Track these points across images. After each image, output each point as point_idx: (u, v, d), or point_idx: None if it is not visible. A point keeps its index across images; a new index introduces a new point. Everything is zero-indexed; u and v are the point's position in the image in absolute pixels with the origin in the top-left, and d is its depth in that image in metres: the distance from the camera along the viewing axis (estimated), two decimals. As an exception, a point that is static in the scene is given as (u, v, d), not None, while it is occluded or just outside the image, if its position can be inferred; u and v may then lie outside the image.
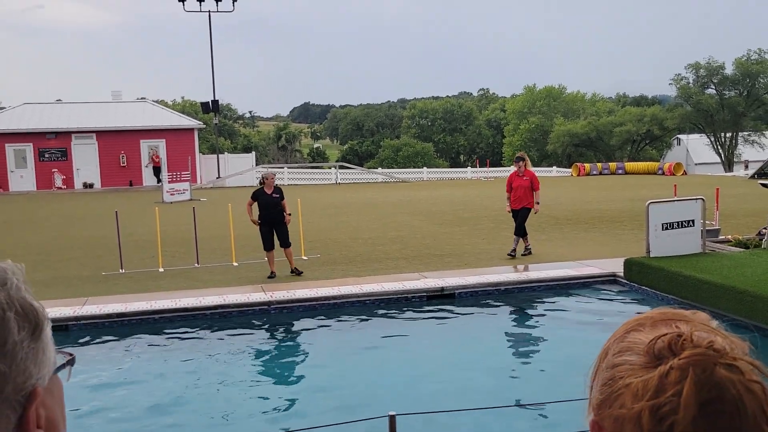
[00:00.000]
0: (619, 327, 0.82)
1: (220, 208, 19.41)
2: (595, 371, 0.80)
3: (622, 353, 0.77)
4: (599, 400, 0.77)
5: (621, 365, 0.76)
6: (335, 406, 6.37)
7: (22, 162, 35.95)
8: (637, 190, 26.10)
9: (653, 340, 0.74)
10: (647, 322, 0.79)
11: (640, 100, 77.40)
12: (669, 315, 0.79)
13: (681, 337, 0.74)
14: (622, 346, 0.77)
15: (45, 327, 0.75)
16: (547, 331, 8.77)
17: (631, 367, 0.74)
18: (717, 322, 0.79)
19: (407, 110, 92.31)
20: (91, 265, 12.70)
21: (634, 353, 0.75)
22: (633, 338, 0.77)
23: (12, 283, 0.74)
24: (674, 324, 0.77)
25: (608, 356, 0.78)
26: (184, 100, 74.32)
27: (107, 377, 7.35)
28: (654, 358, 0.73)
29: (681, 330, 0.75)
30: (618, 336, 0.80)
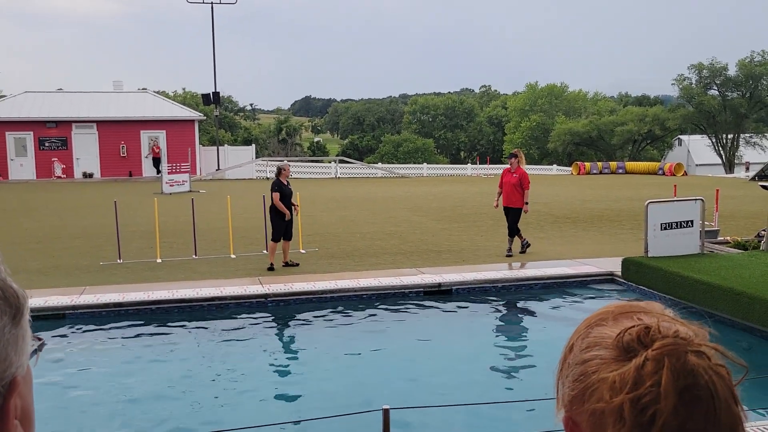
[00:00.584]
0: (580, 323, 0.83)
1: (219, 200, 19.39)
2: (561, 368, 0.81)
3: (590, 348, 0.77)
4: (571, 397, 0.77)
5: (591, 360, 0.76)
6: (330, 399, 6.38)
7: (22, 150, 35.92)
8: (637, 190, 26.10)
9: (621, 334, 0.75)
10: (609, 316, 0.80)
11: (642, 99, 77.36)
12: (627, 308, 0.80)
13: (648, 329, 0.75)
14: (589, 341, 0.78)
15: (25, 312, 0.71)
16: (543, 328, 8.77)
17: (602, 361, 0.75)
18: (673, 311, 0.80)
19: (408, 106, 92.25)
20: (89, 255, 12.70)
21: (602, 347, 0.76)
22: (598, 333, 0.78)
23: None
24: (635, 316, 0.78)
25: (574, 352, 0.79)
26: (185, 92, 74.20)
27: (102, 366, 7.35)
28: (624, 351, 0.74)
29: (646, 322, 0.76)
30: (581, 332, 0.81)
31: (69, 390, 6.70)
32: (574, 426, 0.77)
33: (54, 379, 6.93)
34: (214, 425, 5.74)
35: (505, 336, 8.77)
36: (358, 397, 6.35)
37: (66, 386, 6.78)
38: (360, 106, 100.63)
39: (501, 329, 9.03)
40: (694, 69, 54.18)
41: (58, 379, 6.97)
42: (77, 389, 6.72)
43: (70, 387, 6.78)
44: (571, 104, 71.96)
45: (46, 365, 7.33)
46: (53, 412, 6.14)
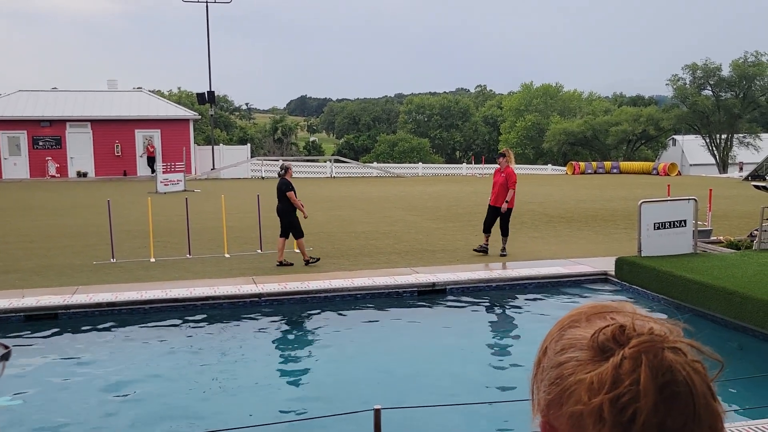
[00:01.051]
0: (552, 326, 0.82)
1: (213, 200, 19.36)
2: (536, 372, 0.81)
3: (565, 350, 0.76)
4: (547, 401, 0.76)
5: (567, 362, 0.75)
6: (322, 399, 6.37)
7: (16, 149, 35.80)
8: (631, 190, 26.16)
9: (595, 334, 0.74)
10: (581, 317, 0.79)
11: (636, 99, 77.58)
12: (599, 308, 0.80)
13: (623, 327, 0.74)
14: (563, 343, 0.77)
15: None
16: (536, 328, 8.77)
17: (578, 362, 0.74)
18: (645, 310, 0.81)
19: (404, 105, 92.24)
20: (82, 254, 12.66)
21: (577, 349, 0.75)
22: (572, 335, 0.77)
23: None
24: (608, 316, 0.78)
25: (548, 355, 0.79)
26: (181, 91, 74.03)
27: (95, 366, 7.32)
28: (600, 352, 0.74)
29: (619, 321, 0.76)
30: (554, 335, 0.80)
31: (60, 390, 6.67)
32: (551, 430, 0.76)
33: (45, 380, 6.91)
34: (206, 425, 5.73)
35: (499, 336, 8.78)
36: (350, 397, 6.35)
37: (57, 387, 6.76)
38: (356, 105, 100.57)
39: (495, 329, 9.04)
40: (688, 69, 54.32)
41: (50, 379, 6.94)
42: (68, 390, 6.69)
43: (61, 388, 6.76)
44: (566, 104, 72.07)
45: (37, 365, 7.31)
46: (45, 413, 6.12)
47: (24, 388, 6.65)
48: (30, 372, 7.10)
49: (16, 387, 6.63)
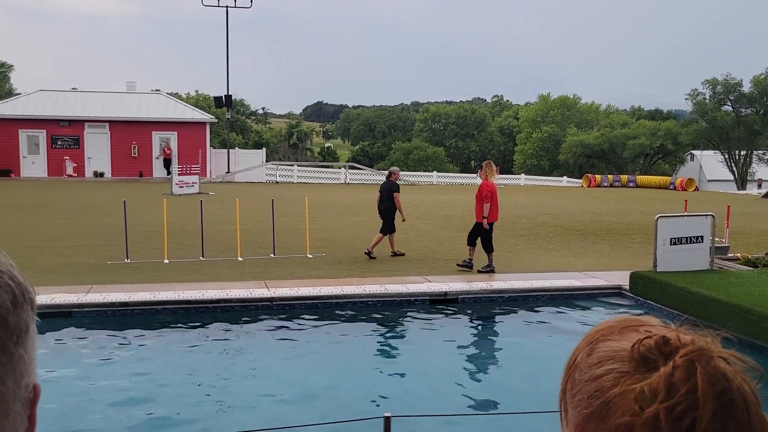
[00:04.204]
0: (579, 342, 0.81)
1: (228, 203, 19.40)
2: (566, 387, 0.79)
3: (602, 363, 0.75)
4: (585, 415, 0.74)
5: (606, 375, 0.73)
6: (332, 405, 6.35)
7: (35, 148, 36.14)
8: (647, 204, 25.98)
9: (636, 345, 0.73)
10: (613, 330, 0.78)
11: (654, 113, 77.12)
12: (628, 322, 0.79)
13: (666, 338, 0.73)
14: (599, 356, 0.76)
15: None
16: (549, 340, 8.71)
17: (619, 374, 0.72)
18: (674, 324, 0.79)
19: (420, 113, 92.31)
20: (97, 254, 12.73)
21: (616, 361, 0.74)
22: (607, 347, 0.76)
23: (10, 263, 0.67)
24: (641, 329, 0.77)
25: (581, 369, 0.77)
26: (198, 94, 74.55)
27: (106, 365, 7.35)
28: (642, 363, 0.72)
29: (658, 332, 0.75)
30: (585, 349, 0.79)
31: (73, 388, 6.69)
32: None
33: (59, 376, 6.94)
34: (214, 428, 5.73)
35: (510, 346, 8.71)
36: (360, 404, 6.32)
37: (71, 384, 6.78)
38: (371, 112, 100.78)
39: (506, 340, 8.97)
40: (708, 84, 53.99)
41: (63, 376, 6.97)
42: (82, 387, 6.71)
43: (75, 385, 6.78)
44: (583, 116, 71.83)
45: (51, 362, 7.34)
46: (57, 410, 6.14)
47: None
48: (42, 369, 7.13)
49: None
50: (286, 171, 40.19)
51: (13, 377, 0.59)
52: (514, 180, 46.40)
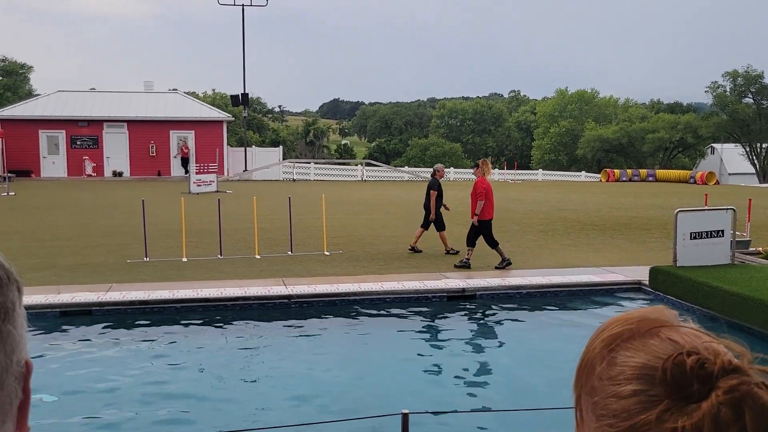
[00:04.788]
0: (593, 340, 0.76)
1: (245, 201, 19.48)
2: (581, 393, 0.75)
3: (629, 381, 0.70)
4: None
5: (634, 396, 0.69)
6: (349, 402, 6.35)
7: (55, 148, 36.52)
8: (667, 198, 25.74)
9: (667, 365, 0.68)
10: (632, 335, 0.73)
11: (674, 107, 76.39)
12: (648, 323, 0.73)
13: (701, 361, 0.68)
14: (624, 371, 0.71)
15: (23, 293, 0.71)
16: (566, 336, 8.65)
17: (648, 399, 0.68)
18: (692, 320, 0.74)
19: (436, 110, 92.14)
20: (116, 253, 12.84)
21: (645, 382, 0.69)
22: (632, 362, 0.71)
23: None
24: (661, 335, 0.72)
25: (602, 379, 0.72)
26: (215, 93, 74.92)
27: (125, 363, 7.40)
28: (676, 388, 0.67)
29: (683, 342, 0.70)
30: (601, 354, 0.74)
31: (93, 385, 6.75)
32: None
33: (79, 374, 7.00)
34: (233, 425, 5.75)
35: (528, 342, 8.66)
36: (378, 401, 6.32)
37: (90, 382, 6.84)
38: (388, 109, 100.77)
39: (524, 336, 8.92)
40: (728, 77, 53.36)
41: (84, 373, 7.03)
42: (101, 385, 6.77)
43: (94, 382, 6.84)
44: (602, 110, 71.29)
45: (72, 360, 7.41)
46: (74, 407, 6.19)
47: (58, 383, 6.74)
48: (64, 367, 7.20)
49: (51, 381, 6.72)
50: (302, 169, 40.28)
51: (3, 352, 0.63)
52: (531, 175, 46.18)
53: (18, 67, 61.07)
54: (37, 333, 8.16)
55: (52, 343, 7.95)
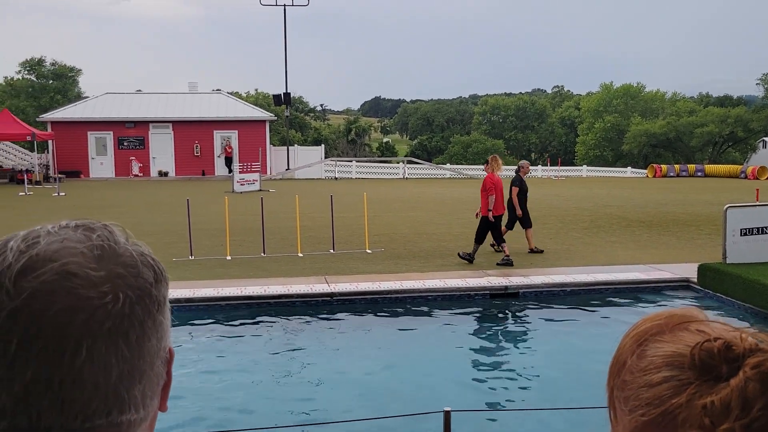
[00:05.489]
0: (624, 338, 0.78)
1: (288, 200, 19.66)
2: (614, 387, 0.76)
3: (659, 369, 0.71)
4: (642, 422, 0.71)
5: (665, 382, 0.70)
6: (391, 400, 6.36)
7: (103, 149, 37.41)
8: (716, 194, 25.12)
9: (695, 351, 0.70)
10: (663, 329, 0.75)
11: (724, 100, 74.40)
12: (677, 319, 0.75)
13: (729, 344, 0.69)
14: (654, 361, 0.72)
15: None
16: (612, 335, 8.49)
17: (679, 383, 0.69)
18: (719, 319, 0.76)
19: (478, 106, 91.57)
20: (162, 251, 13.07)
21: (675, 368, 0.70)
22: (661, 351, 0.73)
23: (148, 249, 0.76)
24: (692, 327, 0.73)
25: (632, 372, 0.74)
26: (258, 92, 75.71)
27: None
28: (703, 370, 0.69)
29: (715, 335, 0.71)
30: (632, 348, 0.76)
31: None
32: None
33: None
34: (275, 420, 5.81)
35: (572, 341, 8.54)
36: (420, 399, 6.31)
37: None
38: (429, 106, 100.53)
39: (568, 334, 8.80)
40: (780, 68, 51.76)
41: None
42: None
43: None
44: (648, 105, 69.84)
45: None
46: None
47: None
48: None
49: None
50: (344, 167, 40.47)
51: (156, 337, 0.71)
52: (575, 172, 45.55)
53: (67, 71, 62.69)
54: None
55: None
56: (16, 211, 20.47)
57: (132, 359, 0.67)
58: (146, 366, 0.69)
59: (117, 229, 0.76)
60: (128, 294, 0.68)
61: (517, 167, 13.43)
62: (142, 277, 0.70)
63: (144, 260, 0.72)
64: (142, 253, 0.73)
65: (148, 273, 0.71)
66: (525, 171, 13.27)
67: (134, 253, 0.72)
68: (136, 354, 0.67)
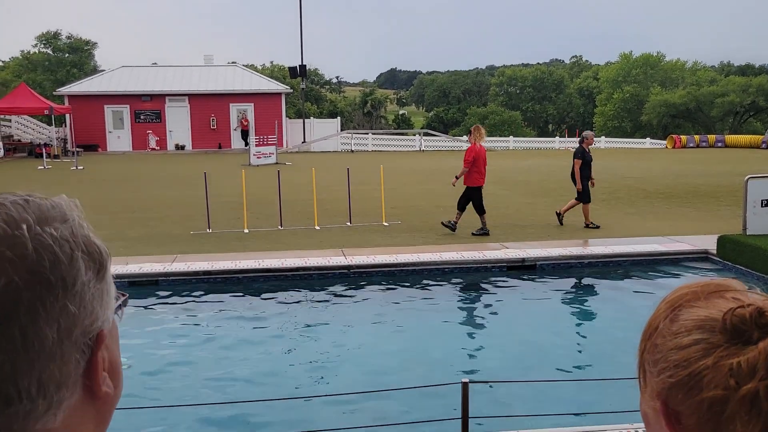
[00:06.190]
0: (659, 304, 0.78)
1: (304, 173, 19.67)
2: (644, 352, 0.77)
3: (690, 332, 0.72)
4: (669, 384, 0.72)
5: (694, 345, 0.71)
6: (408, 371, 6.40)
7: (119, 123, 37.55)
8: (736, 165, 24.80)
9: (727, 316, 0.70)
10: (698, 296, 0.75)
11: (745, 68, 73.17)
12: (714, 287, 0.76)
13: (761, 310, 0.69)
14: (685, 324, 0.73)
15: (108, 267, 0.74)
16: (629, 307, 8.49)
17: (709, 345, 0.70)
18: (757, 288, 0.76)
19: (495, 77, 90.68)
20: (180, 224, 13.17)
21: (705, 331, 0.71)
22: (693, 315, 0.73)
23: (74, 219, 0.71)
24: (728, 295, 0.74)
25: (663, 336, 0.74)
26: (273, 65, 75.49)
27: (191, 331, 7.63)
28: (734, 334, 0.69)
29: (747, 301, 0.71)
30: (666, 313, 0.76)
31: (162, 352, 6.99)
32: (671, 414, 0.72)
33: (147, 342, 7.25)
34: (296, 392, 5.87)
35: (590, 313, 8.54)
36: (437, 370, 6.35)
37: (160, 349, 7.08)
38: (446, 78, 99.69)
39: (586, 306, 8.80)
40: (804, 35, 50.69)
41: (151, 341, 7.28)
42: (165, 350, 7.00)
43: (157, 347, 7.08)
44: (668, 74, 68.82)
45: (141, 329, 7.68)
46: (144, 376, 6.43)
47: (128, 351, 7.01)
48: (133, 335, 7.47)
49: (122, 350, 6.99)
50: (360, 139, 40.36)
51: (57, 324, 0.66)
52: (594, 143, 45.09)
53: (83, 44, 62.79)
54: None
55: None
56: (37, 185, 20.68)
57: (15, 350, 0.63)
58: (40, 355, 0.65)
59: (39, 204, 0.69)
60: (13, 279, 0.63)
61: (581, 138, 13.06)
62: (33, 260, 0.65)
63: (42, 241, 0.66)
64: (41, 233, 0.67)
65: (44, 255, 0.66)
66: (589, 142, 12.86)
67: (31, 234, 0.66)
68: (23, 344, 0.64)
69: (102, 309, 0.72)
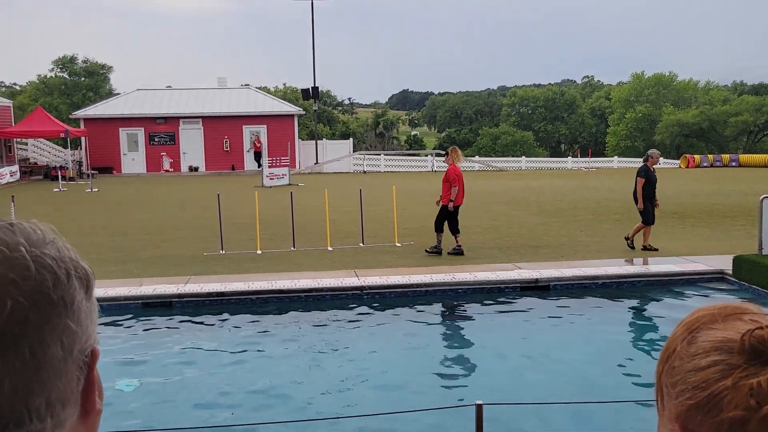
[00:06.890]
0: (676, 327, 0.78)
1: (317, 194, 19.73)
2: (662, 374, 0.77)
3: (708, 353, 0.72)
4: (688, 406, 0.72)
5: (712, 366, 0.71)
6: (422, 393, 6.36)
7: (134, 145, 37.88)
8: (751, 184, 24.63)
9: (746, 337, 0.70)
10: (715, 318, 0.75)
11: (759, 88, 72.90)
12: (730, 310, 0.76)
13: None
14: (703, 345, 0.73)
15: (93, 288, 0.75)
16: (645, 328, 8.42)
17: (727, 366, 0.70)
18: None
19: (507, 98, 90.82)
20: (194, 246, 13.22)
21: (724, 352, 0.71)
22: (711, 336, 0.73)
23: (57, 241, 0.72)
24: (745, 318, 0.74)
25: (681, 358, 0.74)
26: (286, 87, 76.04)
27: (204, 352, 7.63)
28: (753, 355, 0.69)
29: (765, 322, 0.71)
30: (683, 335, 0.76)
31: (175, 374, 6.99)
32: None
33: (161, 364, 7.26)
34: (306, 413, 5.84)
35: (604, 334, 8.46)
36: (451, 392, 6.31)
37: (169, 371, 7.08)
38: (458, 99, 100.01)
39: (600, 327, 8.72)
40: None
41: (162, 363, 7.28)
42: (177, 371, 7.00)
43: (172, 371, 7.07)
44: (680, 94, 68.67)
45: (154, 350, 7.69)
46: (160, 394, 6.42)
47: (142, 372, 7.01)
48: (147, 356, 7.48)
49: (135, 371, 7.00)
50: (373, 160, 40.47)
51: (61, 343, 0.67)
52: (606, 163, 44.99)
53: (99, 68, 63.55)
54: (121, 323, 8.51)
55: (134, 333, 8.27)
56: (52, 207, 20.87)
57: (27, 370, 0.64)
58: (50, 374, 0.65)
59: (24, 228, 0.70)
60: (19, 300, 0.64)
61: (645, 156, 12.47)
62: (37, 281, 0.66)
63: (42, 262, 0.67)
64: (40, 254, 0.68)
65: (46, 276, 0.67)
66: (654, 161, 12.25)
67: (30, 256, 0.67)
68: (33, 364, 0.64)
69: (93, 327, 0.73)
